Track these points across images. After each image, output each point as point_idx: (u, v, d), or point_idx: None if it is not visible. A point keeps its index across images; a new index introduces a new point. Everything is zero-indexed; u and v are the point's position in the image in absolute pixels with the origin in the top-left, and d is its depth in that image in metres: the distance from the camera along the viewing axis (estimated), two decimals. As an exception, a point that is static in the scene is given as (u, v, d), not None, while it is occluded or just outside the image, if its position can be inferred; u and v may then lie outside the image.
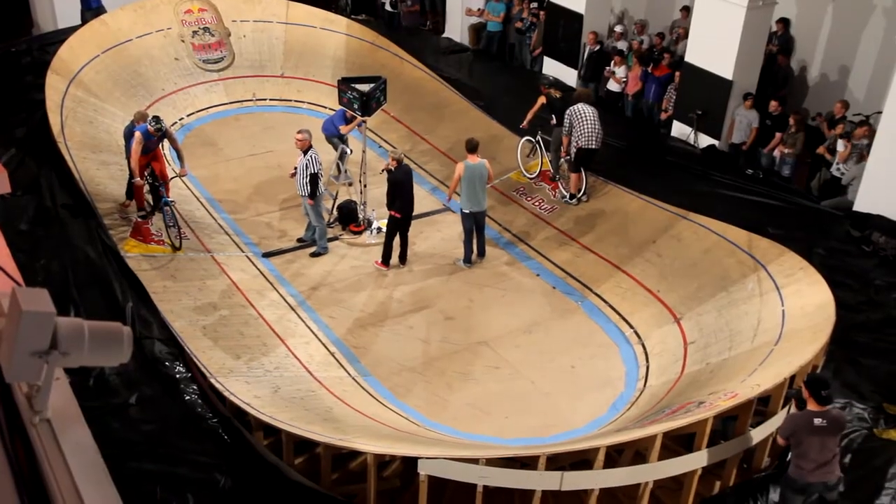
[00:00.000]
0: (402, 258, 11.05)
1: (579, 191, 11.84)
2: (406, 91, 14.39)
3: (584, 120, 11.58)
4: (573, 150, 11.70)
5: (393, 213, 10.74)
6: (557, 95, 12.41)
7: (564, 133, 11.80)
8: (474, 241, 11.03)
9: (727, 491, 7.64)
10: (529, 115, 12.52)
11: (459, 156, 11.42)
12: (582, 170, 11.77)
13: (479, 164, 10.66)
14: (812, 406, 6.71)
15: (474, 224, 10.88)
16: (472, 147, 10.71)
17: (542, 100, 12.42)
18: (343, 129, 12.29)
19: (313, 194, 10.79)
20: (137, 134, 10.61)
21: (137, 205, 11.11)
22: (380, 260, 10.95)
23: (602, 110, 14.65)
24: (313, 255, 11.19)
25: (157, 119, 10.71)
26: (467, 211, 10.78)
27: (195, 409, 8.08)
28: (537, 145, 12.60)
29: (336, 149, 12.43)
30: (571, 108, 11.72)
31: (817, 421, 6.65)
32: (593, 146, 11.63)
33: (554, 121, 12.30)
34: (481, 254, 11.17)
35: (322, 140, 12.22)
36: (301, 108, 15.02)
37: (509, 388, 9.11)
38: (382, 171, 11.22)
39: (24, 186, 10.98)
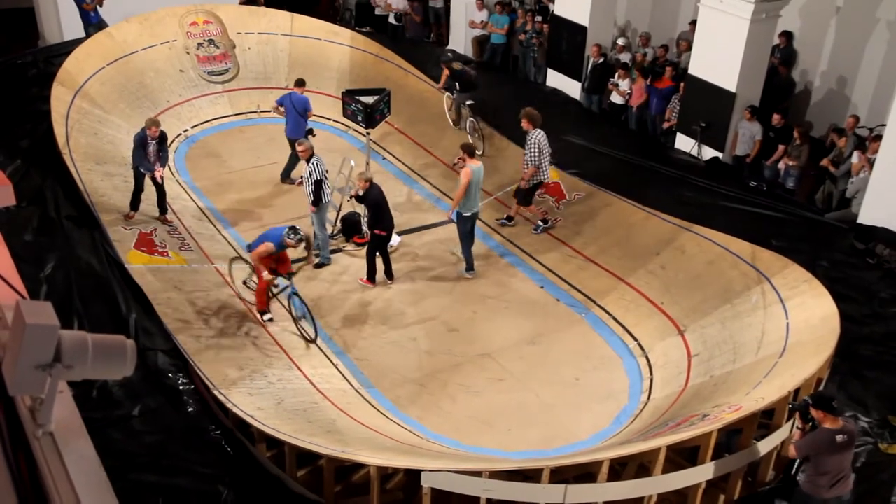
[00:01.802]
0: (389, 275, 11.01)
1: (549, 219, 11.89)
2: (410, 103, 14.43)
3: (545, 151, 11.43)
4: (532, 181, 11.55)
5: (377, 231, 10.67)
6: (458, 67, 13.91)
7: (533, 163, 11.36)
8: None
9: (731, 504, 7.61)
10: (440, 85, 14.30)
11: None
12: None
13: (480, 167, 10.83)
14: (829, 423, 6.62)
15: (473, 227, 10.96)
16: (473, 151, 10.94)
17: (446, 72, 13.98)
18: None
19: (316, 202, 10.81)
20: (269, 245, 9.49)
21: (258, 306, 9.91)
22: (365, 277, 10.92)
23: (605, 122, 14.77)
24: (316, 265, 11.19)
25: (294, 230, 9.50)
26: (468, 214, 10.80)
27: (198, 420, 8.08)
28: (455, 100, 14.08)
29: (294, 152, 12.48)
30: (536, 135, 11.35)
31: (839, 438, 6.57)
32: (546, 178, 11.73)
33: (458, 87, 13.83)
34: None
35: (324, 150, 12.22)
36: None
37: (513, 400, 9.09)
38: (351, 197, 11.17)
39: (28, 197, 11.02)
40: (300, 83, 12.81)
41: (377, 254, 10.80)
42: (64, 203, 11.10)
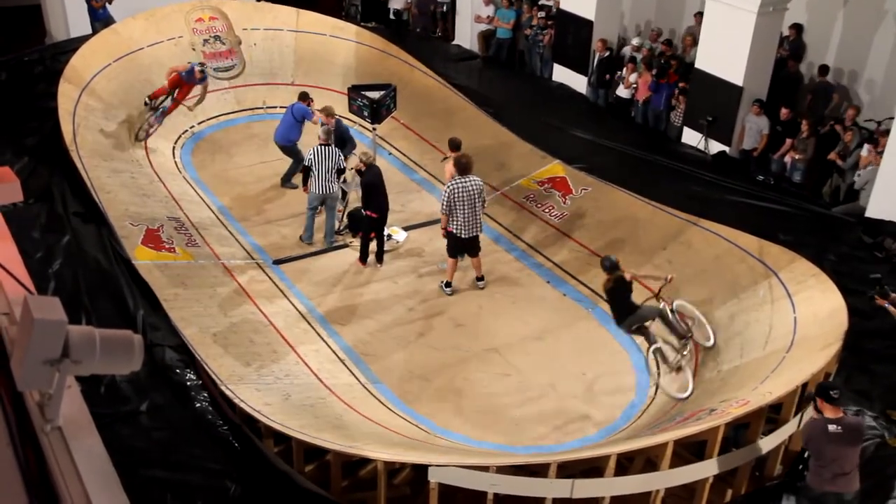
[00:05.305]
0: (380, 258, 11.13)
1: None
2: (416, 98, 14.41)
3: (464, 202, 10.03)
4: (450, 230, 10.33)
5: (369, 213, 10.84)
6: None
7: (442, 211, 10.21)
8: None
9: (739, 499, 7.60)
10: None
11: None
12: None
13: None
14: (828, 412, 6.68)
15: None
16: (459, 147, 10.87)
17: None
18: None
19: (304, 182, 11.26)
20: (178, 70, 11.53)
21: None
22: (358, 258, 11.13)
23: (612, 116, 14.71)
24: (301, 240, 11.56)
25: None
26: None
27: (206, 416, 8.10)
28: None
29: (293, 158, 12.49)
30: (457, 184, 9.98)
31: (832, 428, 6.61)
32: (474, 234, 10.34)
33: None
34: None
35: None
36: (311, 116, 15.05)
37: (519, 395, 9.08)
38: (352, 168, 11.34)
39: (36, 194, 11.05)
40: (303, 96, 12.69)
41: (371, 235, 10.97)
42: (71, 200, 11.13)
